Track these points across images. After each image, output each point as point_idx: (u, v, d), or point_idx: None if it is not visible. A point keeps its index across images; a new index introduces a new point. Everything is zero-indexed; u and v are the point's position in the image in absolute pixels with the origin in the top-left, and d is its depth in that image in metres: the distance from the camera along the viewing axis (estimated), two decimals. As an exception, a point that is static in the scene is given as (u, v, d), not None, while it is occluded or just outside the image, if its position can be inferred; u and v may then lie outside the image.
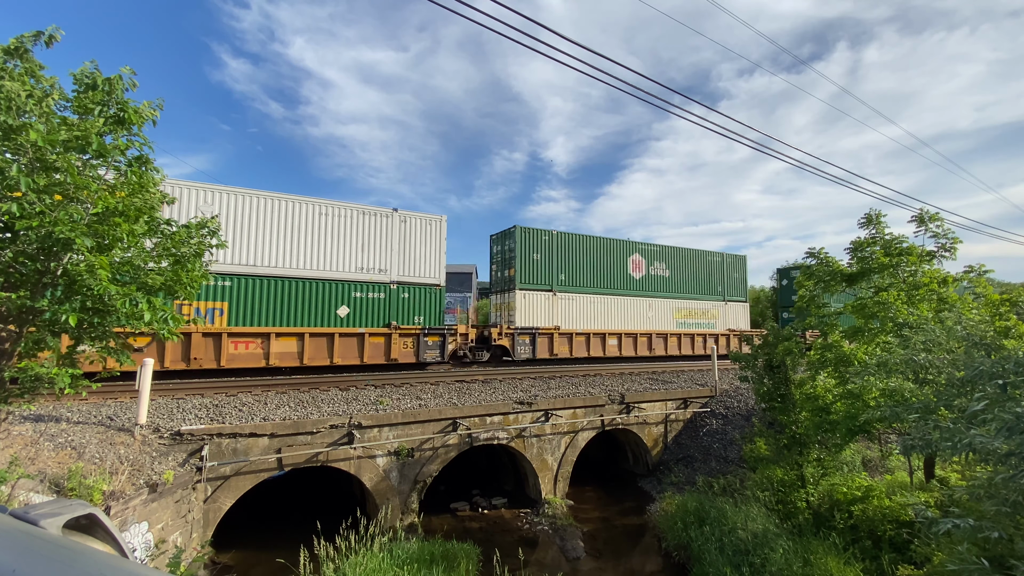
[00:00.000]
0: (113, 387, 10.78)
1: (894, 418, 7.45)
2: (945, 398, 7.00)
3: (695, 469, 13.11)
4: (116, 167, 6.18)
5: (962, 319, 8.86)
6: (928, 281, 10.29)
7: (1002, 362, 5.80)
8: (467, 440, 11.27)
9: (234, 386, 11.98)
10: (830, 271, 11.41)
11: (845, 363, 10.09)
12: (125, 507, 6.64)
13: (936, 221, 10.42)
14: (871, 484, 10.13)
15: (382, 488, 10.18)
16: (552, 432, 12.42)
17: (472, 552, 8.88)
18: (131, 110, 5.97)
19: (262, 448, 9.13)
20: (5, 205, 4.93)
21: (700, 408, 14.93)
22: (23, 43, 5.57)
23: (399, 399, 11.82)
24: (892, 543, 8.64)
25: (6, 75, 5.39)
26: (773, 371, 11.07)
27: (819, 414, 10.00)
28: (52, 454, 6.94)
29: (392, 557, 8.03)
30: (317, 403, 10.92)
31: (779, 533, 9.13)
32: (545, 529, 11.01)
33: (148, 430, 8.41)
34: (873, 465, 12.35)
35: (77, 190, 5.44)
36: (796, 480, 10.55)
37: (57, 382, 5.77)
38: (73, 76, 5.81)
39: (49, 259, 5.72)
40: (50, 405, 9.10)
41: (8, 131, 5.19)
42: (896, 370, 8.18)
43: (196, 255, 6.94)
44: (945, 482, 9.36)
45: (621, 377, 16.61)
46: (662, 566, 9.80)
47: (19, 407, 7.03)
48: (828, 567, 8.04)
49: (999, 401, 5.46)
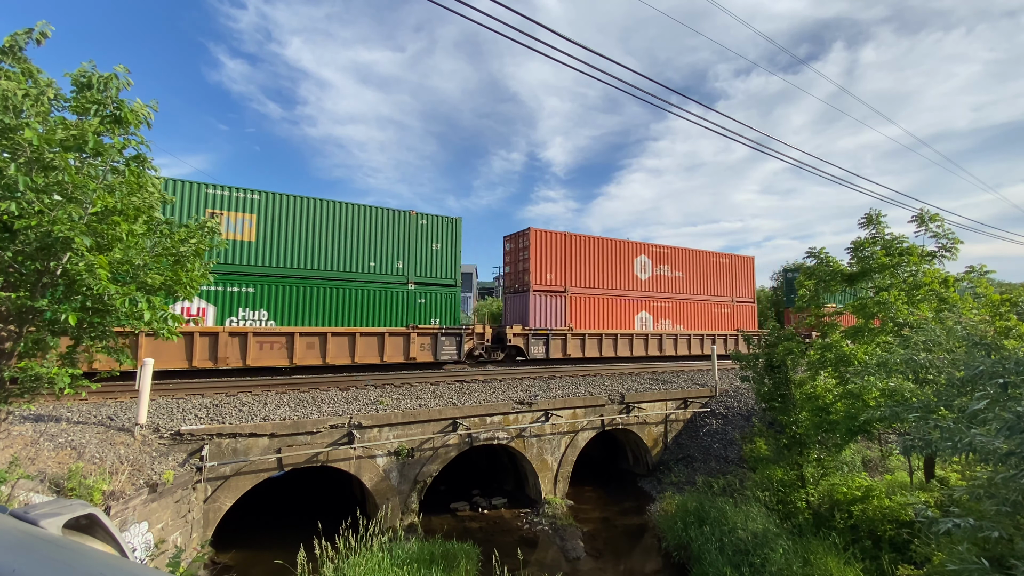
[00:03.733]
0: (113, 387, 10.77)
1: (894, 418, 7.45)
2: (945, 398, 7.00)
3: (695, 469, 13.11)
4: (114, 167, 6.18)
5: (962, 319, 8.86)
6: (929, 281, 10.29)
7: (1002, 362, 5.80)
8: (467, 440, 11.27)
9: (234, 386, 11.98)
10: (830, 271, 11.40)
11: (845, 363, 10.09)
12: (125, 507, 6.64)
13: (936, 221, 10.42)
14: (871, 484, 10.14)
15: (382, 488, 10.18)
16: (552, 432, 12.41)
17: (472, 552, 8.88)
18: (127, 109, 5.97)
19: (262, 448, 9.12)
20: (4, 204, 4.93)
21: (700, 408, 14.92)
22: (17, 41, 5.57)
23: (399, 399, 11.81)
24: (892, 543, 8.65)
25: (1, 75, 5.38)
26: (773, 371, 11.07)
27: (819, 414, 10.00)
28: (52, 454, 6.93)
29: (392, 557, 8.03)
30: (317, 403, 10.92)
31: (779, 533, 9.13)
32: (545, 529, 11.01)
33: (148, 430, 8.41)
34: (873, 465, 12.35)
35: (75, 189, 5.44)
36: (796, 480, 10.55)
37: (57, 382, 5.77)
38: (70, 77, 5.81)
39: (49, 259, 5.71)
40: (50, 405, 9.09)
41: (5, 130, 5.19)
42: (896, 370, 8.18)
43: (196, 254, 6.93)
44: (945, 482, 9.36)
45: (621, 377, 16.61)
46: (662, 566, 9.80)
47: (19, 407, 7.03)
48: (828, 567, 8.04)
49: (999, 400, 5.46)
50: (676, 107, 8.16)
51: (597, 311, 21.48)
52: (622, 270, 22.61)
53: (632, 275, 22.87)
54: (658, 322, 23.27)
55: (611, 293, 22.09)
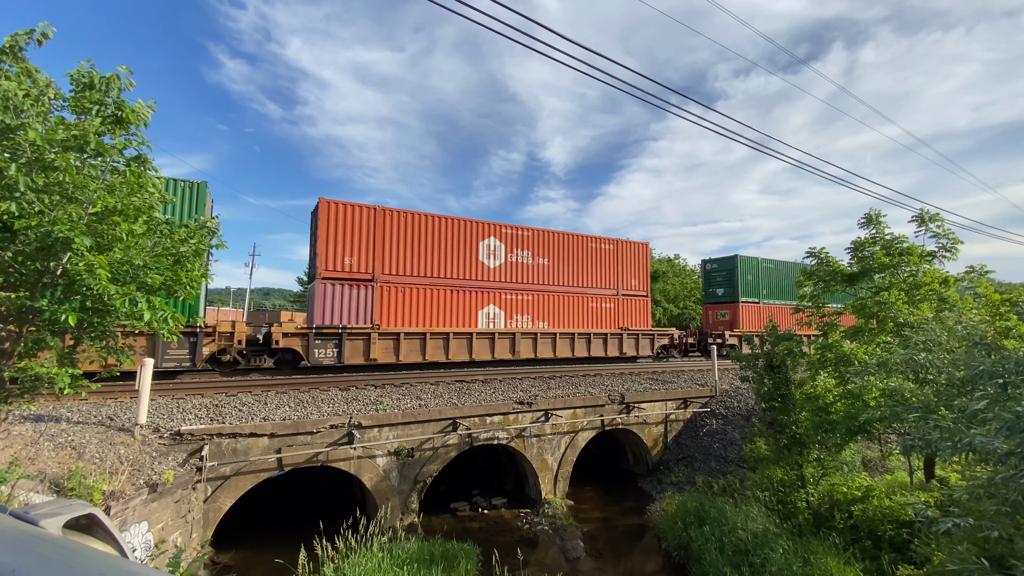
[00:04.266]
0: (113, 387, 10.78)
1: (894, 418, 7.45)
2: (945, 398, 7.00)
3: (695, 469, 13.11)
4: (114, 167, 6.18)
5: (962, 319, 8.86)
6: (929, 281, 10.29)
7: (1002, 362, 5.80)
8: (467, 440, 11.27)
9: (234, 386, 11.98)
10: (831, 271, 11.40)
11: (845, 363, 10.09)
12: (125, 507, 6.64)
13: (936, 221, 10.42)
14: (871, 484, 10.13)
15: (382, 488, 10.18)
16: (552, 432, 12.42)
17: (472, 552, 8.88)
18: (128, 109, 5.97)
19: (262, 448, 9.12)
20: (4, 204, 4.93)
21: (700, 408, 14.93)
22: (17, 41, 5.57)
23: (399, 399, 11.82)
24: (892, 543, 8.65)
25: (1, 75, 5.39)
26: (773, 371, 11.07)
27: (819, 414, 10.00)
28: (52, 454, 6.94)
29: (392, 557, 8.03)
30: (317, 403, 10.92)
31: (779, 533, 9.13)
32: (545, 529, 11.01)
33: (148, 430, 8.41)
34: (873, 465, 12.35)
35: (76, 189, 5.44)
36: (796, 480, 10.55)
37: (57, 382, 5.77)
38: (70, 76, 5.81)
39: (49, 259, 5.72)
40: (50, 405, 9.10)
41: (6, 130, 5.19)
42: (896, 370, 8.18)
43: (196, 254, 6.94)
44: (945, 482, 9.36)
45: (621, 377, 16.61)
46: (662, 566, 9.80)
47: (19, 407, 7.03)
48: (828, 567, 8.04)
49: (999, 400, 5.46)
50: (676, 107, 8.16)
51: (421, 305, 17.31)
52: (461, 255, 18.41)
53: (476, 261, 18.60)
54: (512, 318, 19.01)
55: (444, 283, 17.85)
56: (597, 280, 21.61)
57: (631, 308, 22.37)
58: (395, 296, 16.97)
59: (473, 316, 18.34)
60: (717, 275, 26.91)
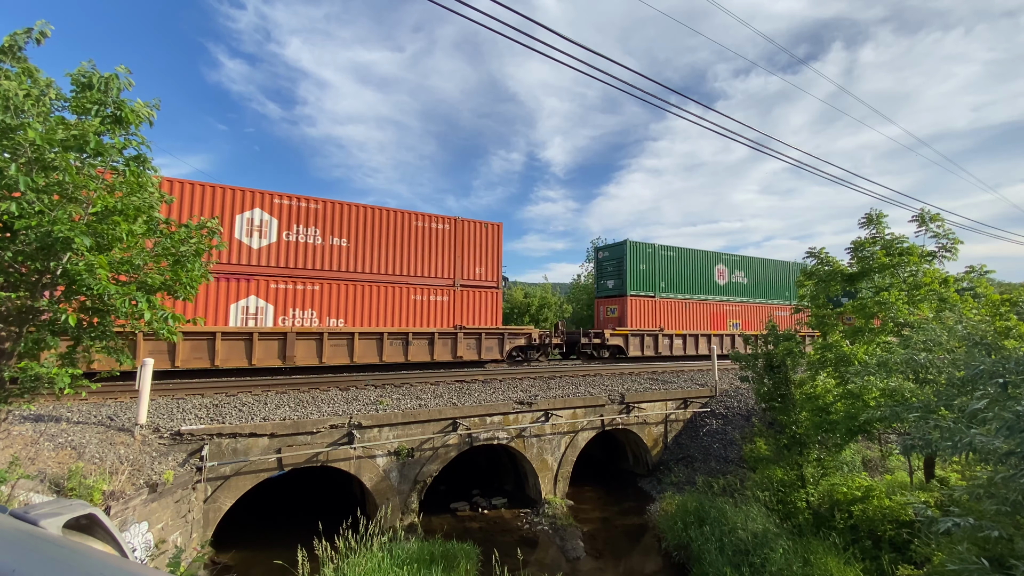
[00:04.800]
0: (113, 387, 10.77)
1: (894, 418, 7.45)
2: (945, 398, 7.00)
3: (695, 469, 13.11)
4: (114, 167, 6.18)
5: (963, 319, 8.87)
6: (929, 281, 10.29)
7: (1002, 362, 5.80)
8: (467, 440, 11.27)
9: (234, 386, 11.98)
10: (831, 271, 11.40)
11: (845, 363, 10.09)
12: (125, 507, 6.64)
13: (936, 221, 10.42)
14: (871, 484, 10.13)
15: (382, 488, 10.18)
16: (552, 432, 12.41)
17: (472, 552, 8.88)
18: (128, 109, 5.97)
19: (262, 448, 9.12)
20: (4, 204, 4.93)
21: (700, 408, 14.92)
22: (16, 41, 5.57)
23: (399, 399, 11.82)
24: (892, 543, 8.64)
25: (1, 75, 5.39)
26: (773, 371, 11.08)
27: (819, 414, 9.99)
28: (52, 454, 6.93)
29: (392, 557, 8.02)
30: (317, 403, 10.92)
31: (779, 533, 9.13)
32: (545, 529, 11.01)
33: (148, 430, 8.41)
34: (873, 465, 12.35)
35: (76, 189, 5.44)
36: (796, 480, 10.55)
37: (57, 382, 5.77)
38: (70, 76, 5.81)
39: (49, 259, 5.71)
40: (50, 405, 9.09)
41: (6, 130, 5.19)
42: (896, 370, 8.18)
43: (196, 254, 6.93)
44: (945, 482, 9.36)
45: (621, 377, 16.61)
46: (662, 566, 9.80)
47: (19, 407, 7.03)
48: (828, 567, 8.04)
49: (999, 400, 5.46)
50: (675, 107, 8.16)
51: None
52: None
53: (231, 240, 14.22)
54: (286, 312, 14.80)
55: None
56: (425, 267, 17.37)
57: (475, 302, 18.19)
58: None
59: (222, 310, 13.93)
60: (608, 264, 23.83)
